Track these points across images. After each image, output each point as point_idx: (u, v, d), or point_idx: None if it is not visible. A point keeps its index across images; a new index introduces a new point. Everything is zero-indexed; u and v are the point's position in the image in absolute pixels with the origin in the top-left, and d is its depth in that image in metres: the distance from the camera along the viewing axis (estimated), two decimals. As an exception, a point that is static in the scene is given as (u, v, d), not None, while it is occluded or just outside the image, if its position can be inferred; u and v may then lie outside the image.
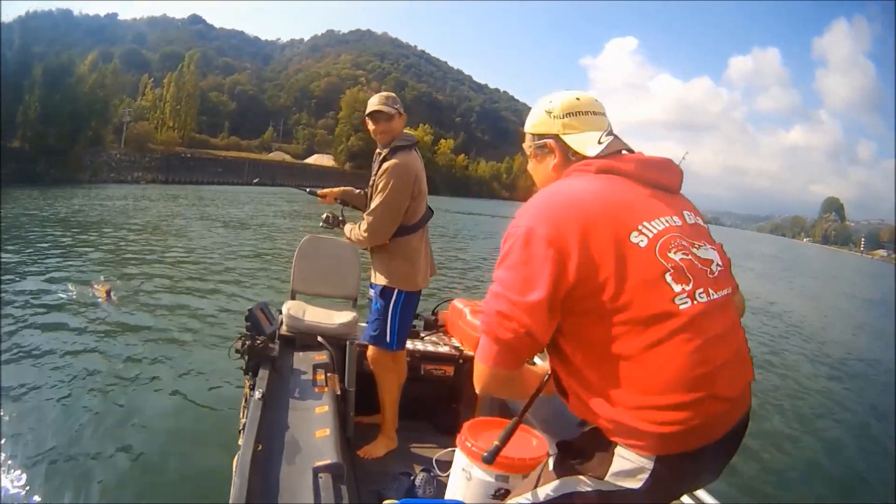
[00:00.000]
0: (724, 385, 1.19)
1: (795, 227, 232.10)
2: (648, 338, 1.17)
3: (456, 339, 3.66)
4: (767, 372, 8.36)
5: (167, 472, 3.48)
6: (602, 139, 1.36)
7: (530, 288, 1.19)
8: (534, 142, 1.45)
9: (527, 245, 1.21)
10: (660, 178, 1.34)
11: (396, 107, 2.89)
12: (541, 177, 1.46)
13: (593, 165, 1.32)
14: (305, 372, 2.80)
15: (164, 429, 3.99)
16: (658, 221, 1.25)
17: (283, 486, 1.89)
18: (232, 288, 8.85)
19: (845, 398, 7.94)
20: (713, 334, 1.20)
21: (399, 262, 2.88)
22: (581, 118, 1.39)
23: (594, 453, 1.29)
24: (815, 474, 5.21)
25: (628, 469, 1.22)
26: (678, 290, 1.19)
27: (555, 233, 1.19)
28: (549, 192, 1.30)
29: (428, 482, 2.50)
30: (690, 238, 1.27)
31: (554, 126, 1.39)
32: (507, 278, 1.23)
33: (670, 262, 1.21)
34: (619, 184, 1.29)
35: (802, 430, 6.23)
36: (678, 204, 1.35)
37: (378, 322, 2.90)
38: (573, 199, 1.24)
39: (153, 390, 4.61)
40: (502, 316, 1.20)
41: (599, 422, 1.27)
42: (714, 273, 1.27)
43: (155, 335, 5.98)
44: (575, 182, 1.31)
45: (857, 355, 11.14)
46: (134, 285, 8.31)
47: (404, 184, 2.77)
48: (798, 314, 15.30)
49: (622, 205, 1.25)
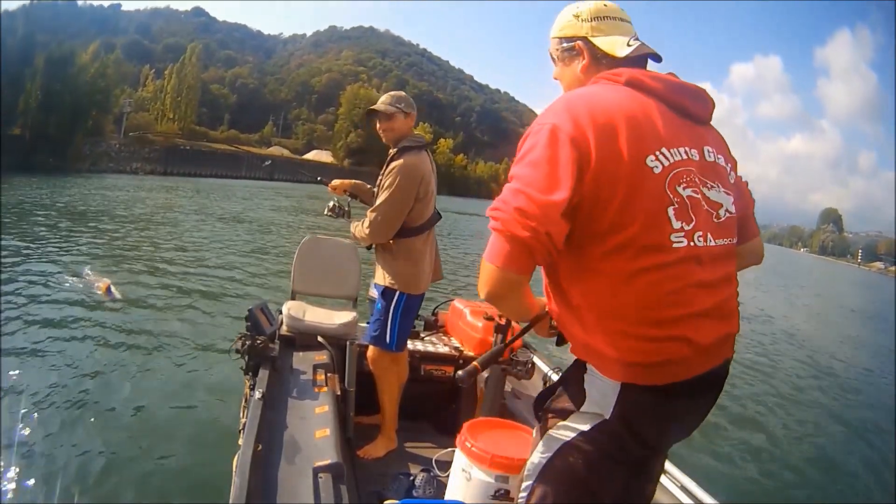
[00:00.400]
0: (695, 331, 1.18)
1: (793, 237, 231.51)
2: (634, 265, 1.17)
3: (456, 340, 3.67)
4: (766, 375, 8.46)
5: (167, 472, 3.46)
6: (631, 42, 1.34)
7: (554, 186, 1.13)
8: (560, 45, 1.42)
9: (552, 143, 1.16)
10: (688, 106, 1.31)
11: (400, 106, 2.90)
12: (567, 80, 1.43)
13: (623, 76, 1.28)
14: (305, 372, 2.80)
15: (164, 429, 3.97)
16: (676, 151, 1.22)
17: (283, 486, 1.89)
18: (231, 286, 8.81)
19: (845, 399, 8.03)
20: (697, 280, 1.20)
21: (402, 264, 2.87)
22: (609, 22, 1.37)
23: (568, 387, 1.32)
24: (815, 474, 5.23)
25: (597, 398, 1.24)
26: (676, 227, 1.18)
27: (580, 135, 1.15)
28: (578, 95, 1.26)
29: (428, 482, 2.51)
30: (704, 176, 1.25)
31: (582, 29, 1.38)
32: (528, 175, 1.17)
33: (676, 197, 1.19)
34: (646, 102, 1.25)
35: (802, 431, 6.28)
36: (702, 137, 1.31)
37: (379, 322, 2.90)
38: (601, 105, 1.20)
39: (153, 390, 4.58)
40: (521, 212, 1.13)
41: (575, 342, 1.30)
42: (720, 218, 1.26)
43: (154, 334, 5.95)
44: (603, 90, 1.26)
45: (857, 363, 11.32)
46: (130, 280, 8.21)
47: (409, 184, 2.77)
48: (796, 324, 15.38)
49: (646, 124, 1.21)
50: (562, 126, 1.16)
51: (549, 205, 1.12)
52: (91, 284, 7.36)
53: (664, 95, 1.26)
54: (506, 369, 2.77)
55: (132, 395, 4.42)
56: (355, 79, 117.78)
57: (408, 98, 2.98)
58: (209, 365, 5.18)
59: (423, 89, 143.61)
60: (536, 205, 1.12)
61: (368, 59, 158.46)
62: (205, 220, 17.63)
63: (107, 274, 8.11)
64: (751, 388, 7.52)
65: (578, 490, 1.25)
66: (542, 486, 1.29)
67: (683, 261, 1.18)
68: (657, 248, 1.17)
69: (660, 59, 1.40)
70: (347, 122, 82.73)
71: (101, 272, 8.11)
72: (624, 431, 1.22)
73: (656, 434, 1.28)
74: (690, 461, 4.27)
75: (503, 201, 1.16)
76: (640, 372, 1.18)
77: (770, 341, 11.69)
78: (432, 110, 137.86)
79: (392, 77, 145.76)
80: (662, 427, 1.28)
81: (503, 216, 1.14)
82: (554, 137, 1.16)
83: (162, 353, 5.44)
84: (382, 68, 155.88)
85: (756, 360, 9.29)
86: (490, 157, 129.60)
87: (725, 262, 1.28)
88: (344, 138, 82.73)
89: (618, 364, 1.19)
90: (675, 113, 1.27)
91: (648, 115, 1.22)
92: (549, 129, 1.17)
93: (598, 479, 1.25)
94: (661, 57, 1.39)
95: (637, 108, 1.21)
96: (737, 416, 6.22)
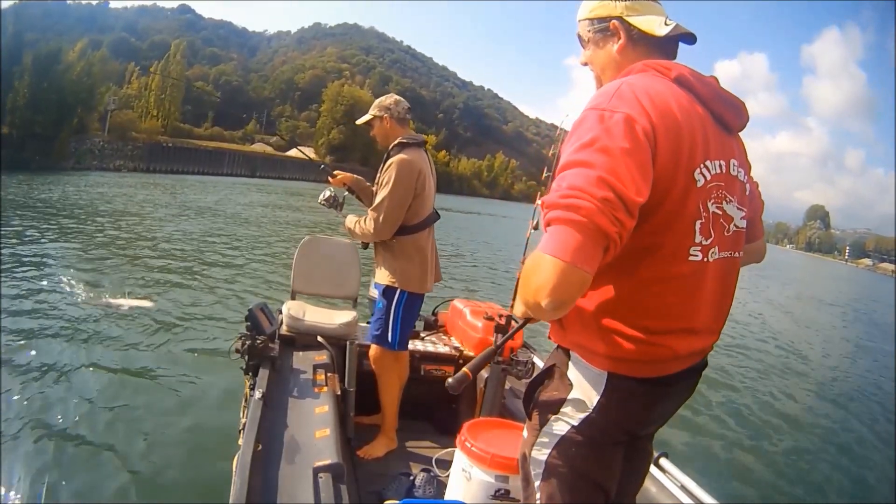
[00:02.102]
0: (680, 343, 1.20)
1: (779, 234, 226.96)
2: (651, 272, 1.16)
3: (456, 340, 3.67)
4: (768, 374, 8.51)
5: (167, 472, 3.44)
6: (668, 22, 1.28)
7: (638, 182, 1.03)
8: (592, 26, 1.35)
9: (630, 135, 1.06)
10: (727, 117, 1.27)
11: (373, 112, 2.97)
12: (602, 62, 1.36)
13: (673, 71, 1.21)
14: (305, 372, 2.80)
15: (164, 429, 3.94)
16: (714, 164, 1.19)
17: (283, 486, 1.89)
18: (230, 286, 8.71)
19: (846, 400, 8.05)
20: (700, 294, 1.21)
21: (401, 262, 2.89)
22: (643, 2, 1.31)
23: (554, 376, 1.30)
24: (815, 474, 5.24)
25: (583, 386, 1.24)
26: (697, 241, 1.17)
27: (651, 134, 1.08)
28: (642, 87, 1.14)
29: (428, 482, 2.52)
30: (727, 191, 1.22)
31: (616, 8, 1.31)
32: (609, 164, 1.03)
33: (705, 212, 1.17)
34: (694, 105, 1.19)
35: (802, 430, 6.32)
36: (731, 149, 1.27)
37: (381, 321, 2.91)
38: (664, 106, 1.12)
39: (152, 390, 4.55)
40: (609, 204, 0.99)
41: (564, 332, 1.28)
42: (729, 232, 1.24)
43: (154, 334, 5.87)
44: (661, 85, 1.18)
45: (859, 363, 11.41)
46: (130, 280, 8.16)
47: (407, 178, 2.80)
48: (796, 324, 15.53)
49: (697, 134, 1.16)
50: (637, 118, 1.07)
51: (635, 201, 1.02)
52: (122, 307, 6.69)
53: (707, 101, 1.23)
54: (506, 369, 2.84)
55: (132, 396, 4.39)
56: (339, 76, 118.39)
57: (387, 102, 3.00)
58: (209, 365, 5.13)
59: (406, 86, 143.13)
60: (624, 197, 1.01)
61: (352, 55, 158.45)
62: (187, 216, 17.35)
63: (105, 274, 8.20)
64: (750, 389, 7.52)
65: (583, 482, 1.25)
66: (548, 483, 1.27)
67: (694, 274, 1.18)
68: (676, 259, 1.16)
69: (694, 39, 1.34)
70: (329, 119, 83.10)
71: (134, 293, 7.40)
72: (610, 419, 1.22)
73: (640, 420, 1.29)
74: (690, 461, 4.35)
75: (580, 189, 1.01)
76: (625, 365, 1.19)
77: (773, 338, 11.87)
78: (415, 107, 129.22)
79: (375, 74, 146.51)
80: (645, 413, 1.28)
81: (586, 205, 0.99)
82: (632, 128, 1.06)
83: (162, 353, 5.37)
84: (366, 65, 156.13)
85: (759, 358, 9.36)
86: (473, 154, 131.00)
87: (727, 275, 1.28)
88: (326, 135, 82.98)
89: (605, 357, 1.20)
90: (714, 120, 1.24)
91: (698, 123, 1.18)
92: (624, 118, 1.07)
93: (597, 467, 1.25)
94: (695, 38, 1.34)
95: (690, 113, 1.17)
96: (737, 417, 6.24)
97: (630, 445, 1.32)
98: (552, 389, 1.29)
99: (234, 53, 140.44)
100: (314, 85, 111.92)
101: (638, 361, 1.18)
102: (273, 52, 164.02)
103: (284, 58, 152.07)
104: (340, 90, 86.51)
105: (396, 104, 2.99)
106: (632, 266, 1.15)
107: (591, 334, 1.20)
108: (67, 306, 6.52)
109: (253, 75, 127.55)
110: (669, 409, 1.36)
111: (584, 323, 1.21)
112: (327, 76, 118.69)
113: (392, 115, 2.95)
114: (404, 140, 2.90)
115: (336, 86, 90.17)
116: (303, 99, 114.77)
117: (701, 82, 1.23)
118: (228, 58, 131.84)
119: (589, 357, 1.23)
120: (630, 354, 1.17)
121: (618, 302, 1.17)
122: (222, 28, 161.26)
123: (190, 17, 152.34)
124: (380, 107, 2.97)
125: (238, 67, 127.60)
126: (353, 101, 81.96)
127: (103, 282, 7.85)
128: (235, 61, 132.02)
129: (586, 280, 1.00)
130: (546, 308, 1.02)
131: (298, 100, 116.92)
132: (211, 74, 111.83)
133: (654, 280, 1.16)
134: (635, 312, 1.17)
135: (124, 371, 4.84)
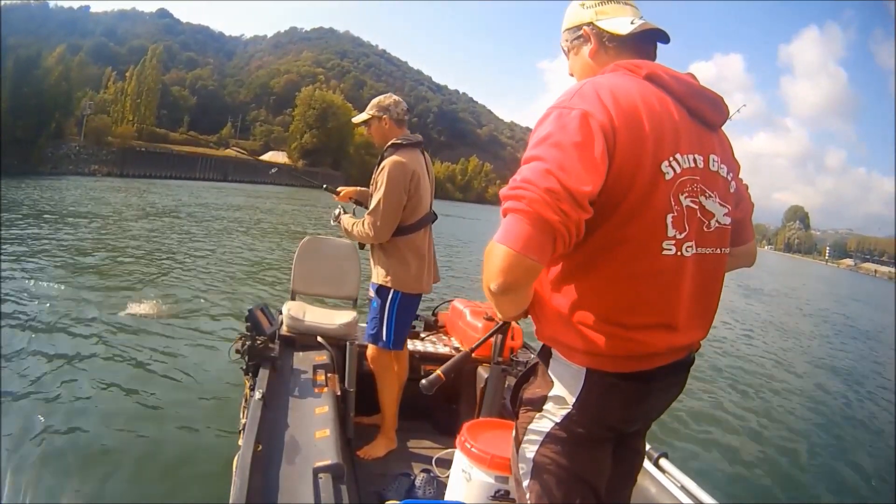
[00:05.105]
0: (657, 339, 1.20)
1: (757, 235, 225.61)
2: (623, 268, 1.17)
3: (456, 340, 3.66)
4: (766, 374, 8.56)
5: (166, 472, 3.42)
6: (634, 21, 1.30)
7: (587, 174, 1.07)
8: (570, 36, 1.39)
9: (584, 129, 1.09)
10: (703, 111, 1.27)
11: (371, 111, 2.94)
12: (578, 68, 1.39)
13: (643, 69, 1.23)
14: (305, 372, 2.79)
15: (164, 429, 3.92)
16: (686, 158, 1.19)
17: (283, 486, 1.88)
18: (229, 286, 8.72)
19: (846, 400, 8.05)
20: (676, 290, 1.20)
21: (394, 262, 2.86)
22: (612, 5, 1.34)
23: (537, 374, 1.33)
24: (815, 473, 5.21)
25: (563, 383, 1.25)
26: (670, 235, 1.16)
27: (610, 128, 1.11)
28: (604, 84, 1.17)
29: (428, 483, 2.53)
30: (705, 185, 1.22)
31: (587, 14, 1.35)
32: (557, 157, 1.07)
33: (677, 206, 1.17)
34: (666, 101, 1.21)
35: (802, 431, 6.30)
36: (710, 144, 1.27)
37: (375, 321, 2.90)
38: (628, 101, 1.15)
39: (152, 390, 4.50)
40: (552, 194, 1.04)
41: (542, 328, 1.29)
42: (710, 228, 1.24)
43: (153, 334, 5.86)
44: (627, 82, 1.20)
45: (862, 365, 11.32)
46: (129, 280, 8.25)
47: (399, 179, 2.76)
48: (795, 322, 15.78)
49: (666, 127, 1.17)
50: (594, 114, 1.11)
51: (581, 192, 1.05)
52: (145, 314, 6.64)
53: (682, 97, 1.24)
54: (506, 370, 2.87)
55: (131, 396, 4.37)
56: (313, 80, 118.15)
57: (386, 103, 2.97)
58: (209, 365, 5.11)
59: (380, 90, 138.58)
60: (569, 189, 1.04)
61: (327, 60, 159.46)
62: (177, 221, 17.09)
63: (103, 276, 8.36)
64: (750, 389, 7.51)
65: (571, 479, 1.26)
66: (537, 481, 1.28)
67: (670, 269, 1.18)
68: (648, 253, 1.16)
69: (667, 39, 1.35)
70: (302, 124, 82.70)
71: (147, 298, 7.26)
72: (591, 415, 1.23)
73: (622, 416, 1.28)
74: (690, 461, 4.48)
75: (527, 181, 1.07)
76: (602, 361, 1.20)
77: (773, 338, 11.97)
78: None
79: (350, 78, 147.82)
80: (626, 409, 1.27)
81: (530, 195, 1.05)
82: (586, 124, 1.10)
83: (161, 353, 5.33)
84: (341, 69, 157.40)
85: (756, 360, 9.42)
86: (447, 158, 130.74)
87: (710, 271, 1.28)
88: (299, 139, 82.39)
89: (582, 353, 1.21)
90: (690, 116, 1.24)
91: (667, 118, 1.19)
92: (580, 115, 1.11)
93: (584, 464, 1.26)
94: (668, 37, 1.34)
95: (659, 108, 1.18)
96: (736, 416, 6.25)
97: (620, 444, 1.33)
98: (535, 386, 1.32)
99: (210, 58, 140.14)
100: (289, 89, 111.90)
101: (615, 357, 1.19)
102: (249, 57, 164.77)
103: (260, 62, 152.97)
104: (313, 94, 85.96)
105: (395, 105, 2.96)
106: (604, 261, 1.17)
107: (568, 330, 1.21)
108: (66, 308, 6.48)
109: (229, 80, 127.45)
110: (655, 406, 1.36)
111: (561, 319, 1.22)
112: (302, 80, 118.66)
113: (391, 116, 2.93)
114: (398, 141, 2.87)
115: (309, 90, 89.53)
116: (278, 103, 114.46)
117: (674, 79, 1.24)
118: (205, 62, 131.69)
119: (567, 353, 1.24)
120: (606, 350, 1.18)
121: (592, 297, 1.19)
122: (200, 32, 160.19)
123: (168, 21, 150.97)
124: (378, 107, 2.94)
125: (214, 72, 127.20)
126: (326, 105, 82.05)
127: (95, 285, 7.81)
128: (212, 66, 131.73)
129: (534, 268, 1.05)
130: (495, 291, 1.08)
131: (273, 104, 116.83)
132: (188, 79, 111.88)
133: (627, 275, 1.17)
134: (610, 308, 1.18)
135: (124, 371, 4.84)
